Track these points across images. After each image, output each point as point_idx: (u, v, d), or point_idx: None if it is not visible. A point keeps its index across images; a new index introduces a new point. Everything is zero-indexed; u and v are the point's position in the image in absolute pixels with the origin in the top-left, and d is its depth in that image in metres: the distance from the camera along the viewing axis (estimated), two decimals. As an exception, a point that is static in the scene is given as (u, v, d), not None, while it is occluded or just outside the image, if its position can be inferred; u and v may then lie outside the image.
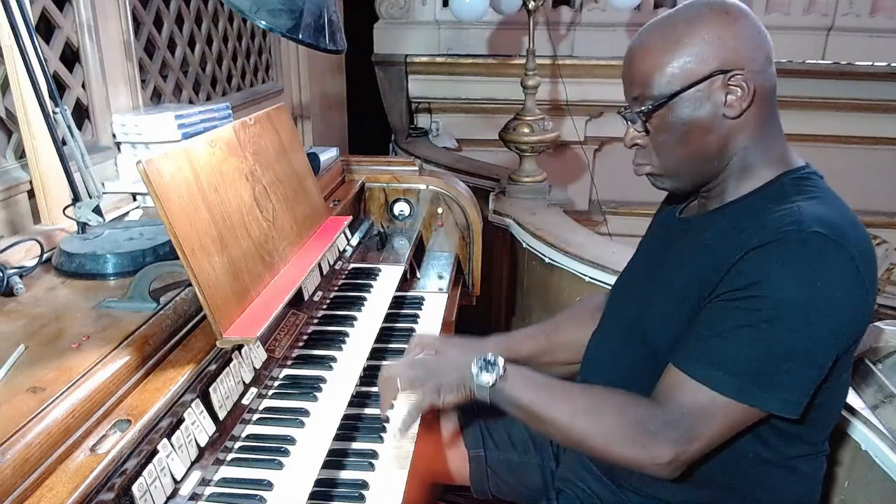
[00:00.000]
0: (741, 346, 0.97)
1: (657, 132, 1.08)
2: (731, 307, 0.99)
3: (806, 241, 0.95)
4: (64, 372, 0.90)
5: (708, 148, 1.06)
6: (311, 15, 1.44)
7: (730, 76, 1.02)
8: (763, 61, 1.04)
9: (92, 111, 1.65)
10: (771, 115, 1.08)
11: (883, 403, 1.26)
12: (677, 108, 1.04)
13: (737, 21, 1.03)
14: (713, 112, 1.03)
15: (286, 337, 1.31)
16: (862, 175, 4.07)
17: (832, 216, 0.98)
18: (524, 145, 2.91)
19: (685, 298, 1.06)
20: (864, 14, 3.92)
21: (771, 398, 0.98)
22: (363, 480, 1.12)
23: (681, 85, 1.03)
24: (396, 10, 4.11)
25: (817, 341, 0.96)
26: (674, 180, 1.13)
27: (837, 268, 0.95)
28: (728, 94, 1.02)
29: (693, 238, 1.12)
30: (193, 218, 1.06)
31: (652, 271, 1.19)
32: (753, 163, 1.08)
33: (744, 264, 0.98)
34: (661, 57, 1.04)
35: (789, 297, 0.94)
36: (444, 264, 2.03)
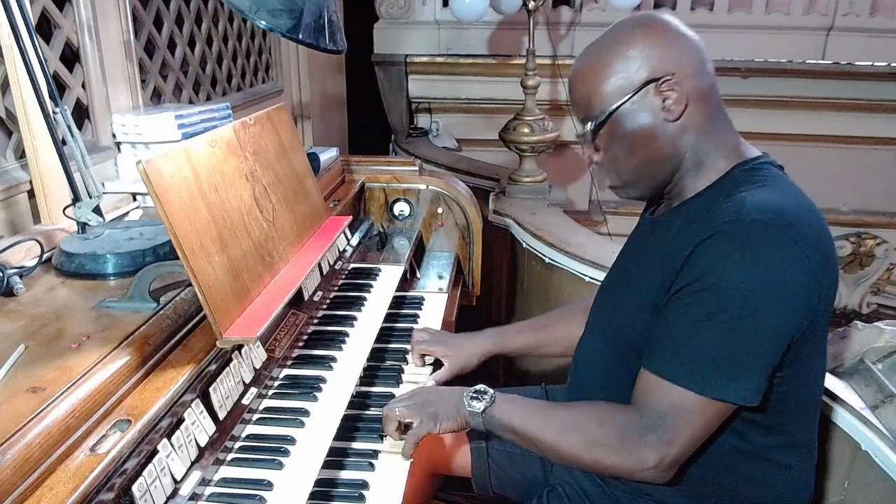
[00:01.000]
0: (699, 340, 1.01)
1: (607, 148, 1.13)
2: (685, 303, 1.02)
3: (746, 230, 0.98)
4: (64, 372, 0.90)
5: (658, 153, 1.11)
6: (311, 15, 1.44)
7: (661, 83, 1.07)
8: (694, 63, 1.08)
9: (92, 111, 1.65)
10: (715, 111, 1.11)
11: (883, 403, 1.26)
12: (619, 123, 1.10)
13: (657, 32, 1.09)
14: (654, 119, 1.08)
15: (286, 337, 1.31)
16: (862, 175, 4.08)
17: (775, 202, 1.01)
18: (524, 145, 2.91)
19: (649, 296, 1.10)
20: (864, 14, 3.92)
21: (731, 389, 1.00)
22: (363, 480, 1.12)
23: (617, 101, 1.08)
24: (396, 10, 4.11)
25: (768, 326, 0.99)
26: (634, 189, 1.18)
27: (780, 252, 0.97)
28: (665, 100, 1.07)
29: (659, 237, 1.16)
30: (193, 218, 1.06)
31: (626, 272, 1.25)
32: (705, 157, 1.11)
33: (693, 259, 1.02)
34: (593, 78, 1.10)
35: (735, 286, 0.97)
36: (444, 264, 2.03)
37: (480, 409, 1.16)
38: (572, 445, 1.11)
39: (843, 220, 4.21)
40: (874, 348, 1.34)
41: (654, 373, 1.05)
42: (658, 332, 1.07)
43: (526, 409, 1.18)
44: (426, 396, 1.22)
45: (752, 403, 1.01)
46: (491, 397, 1.17)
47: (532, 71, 2.87)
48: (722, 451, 1.10)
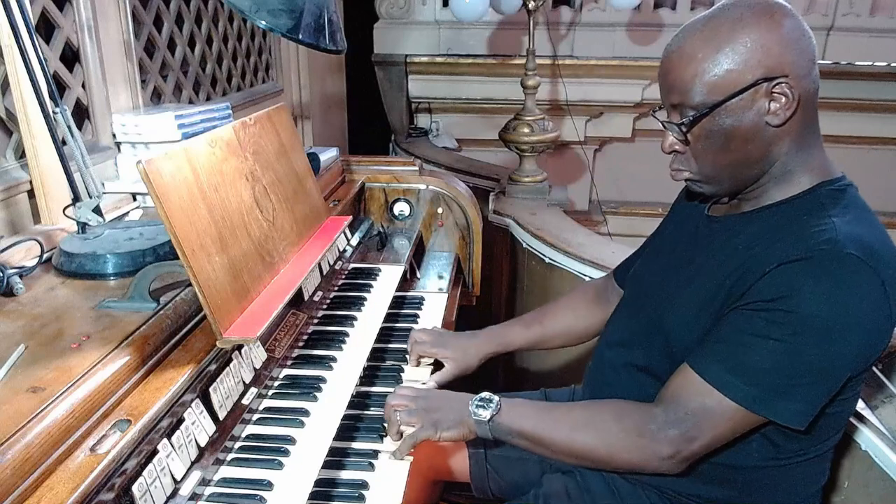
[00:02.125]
0: (761, 356, 0.98)
1: (697, 140, 1.05)
2: (756, 317, 0.98)
3: (840, 261, 0.94)
4: (64, 372, 0.90)
5: (749, 156, 1.04)
6: (311, 15, 1.44)
7: (774, 84, 0.98)
8: (807, 65, 1.00)
9: (92, 111, 1.65)
10: (812, 121, 1.05)
11: (883, 403, 1.26)
12: (719, 118, 1.01)
13: (781, 24, 0.98)
14: (756, 121, 1.00)
15: (286, 337, 1.31)
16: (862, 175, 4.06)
17: (868, 238, 0.98)
18: (524, 145, 2.91)
19: (711, 302, 1.06)
20: (864, 14, 3.92)
21: (782, 409, 0.99)
22: (363, 480, 1.12)
23: (723, 95, 1.00)
24: (396, 10, 4.11)
25: (837, 360, 0.97)
26: (713, 186, 1.10)
27: (867, 290, 0.95)
28: (772, 102, 0.99)
29: (724, 240, 1.10)
30: (193, 218, 1.06)
31: (677, 268, 1.18)
32: (793, 169, 1.05)
33: (774, 276, 0.97)
34: (701, 65, 1.00)
35: (817, 314, 0.94)
36: (444, 264, 2.03)
37: (487, 418, 1.14)
38: (586, 441, 1.09)
39: (843, 220, 4.21)
40: (874, 348, 1.34)
41: (699, 372, 1.02)
42: (714, 336, 1.03)
43: (534, 411, 1.16)
44: (431, 402, 1.20)
45: (800, 427, 1.00)
46: (497, 404, 1.15)
47: (532, 71, 2.87)
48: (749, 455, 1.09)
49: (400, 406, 1.19)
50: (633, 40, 3.96)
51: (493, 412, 1.14)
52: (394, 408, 1.19)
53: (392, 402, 1.20)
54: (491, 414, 1.14)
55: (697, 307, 1.08)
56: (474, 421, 1.15)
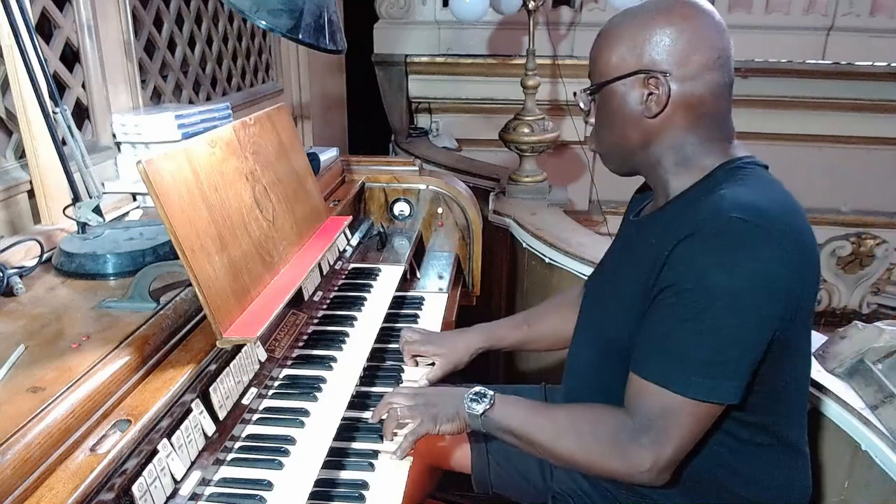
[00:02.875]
0: (683, 341, 1.00)
1: (596, 114, 1.17)
2: (667, 304, 1.02)
3: (725, 227, 0.98)
4: (64, 372, 0.90)
5: (629, 140, 1.12)
6: (311, 15, 1.44)
7: (650, 77, 1.06)
8: (696, 68, 1.05)
9: (92, 111, 1.65)
10: (704, 119, 1.08)
11: (883, 403, 1.26)
12: (607, 97, 1.12)
13: (677, 24, 1.05)
14: (634, 108, 1.09)
15: (286, 337, 1.31)
16: (862, 175, 4.08)
17: (754, 199, 1.00)
18: (524, 145, 2.91)
19: (634, 299, 1.09)
20: (864, 14, 3.92)
21: (717, 390, 1.00)
22: (363, 480, 1.12)
23: (611, 75, 1.10)
24: (396, 10, 4.11)
25: (751, 324, 0.98)
26: (609, 161, 1.20)
27: (760, 249, 0.97)
28: (648, 94, 1.07)
29: (642, 239, 1.15)
30: (193, 218, 1.06)
31: (612, 275, 1.25)
32: (690, 157, 1.10)
33: (673, 258, 1.01)
34: (605, 45, 1.11)
35: (717, 284, 0.97)
36: (444, 264, 2.03)
37: (480, 412, 1.16)
38: (568, 449, 1.11)
39: (843, 220, 4.21)
40: (874, 348, 1.34)
41: (641, 376, 1.05)
42: (643, 335, 1.06)
43: (523, 411, 1.18)
44: (429, 398, 1.22)
45: (735, 402, 1.01)
46: (490, 399, 1.17)
47: (532, 71, 2.87)
48: (715, 450, 1.10)
49: (398, 404, 1.20)
50: (633, 40, 3.95)
51: (486, 407, 1.17)
52: (391, 405, 1.20)
53: (389, 400, 1.22)
54: (484, 408, 1.16)
55: (626, 308, 1.11)
56: (468, 414, 1.17)
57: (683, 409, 1.01)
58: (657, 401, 1.03)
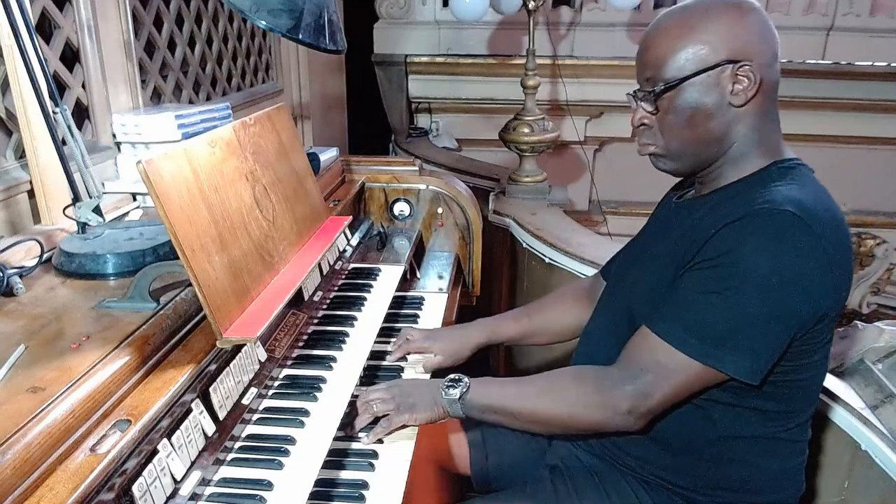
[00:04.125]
0: (708, 309, 1.03)
1: (665, 113, 1.13)
2: (701, 275, 1.05)
3: (777, 218, 1.01)
4: (64, 372, 0.90)
5: (711, 133, 1.11)
6: (311, 15, 1.44)
7: (739, 66, 1.07)
8: (770, 56, 1.10)
9: (92, 111, 1.65)
10: (771, 108, 1.13)
11: (883, 403, 1.26)
12: (686, 92, 1.10)
13: (748, 15, 1.09)
14: (719, 99, 1.09)
15: (286, 337, 1.31)
16: (862, 175, 4.08)
17: (806, 199, 1.03)
18: (524, 145, 2.91)
19: (666, 273, 1.12)
20: (864, 14, 3.92)
21: (731, 360, 1.02)
22: (363, 480, 1.12)
23: (692, 70, 1.08)
24: (396, 10, 4.11)
25: (781, 311, 1.01)
26: (675, 161, 1.17)
27: (804, 244, 1.00)
28: (735, 84, 1.08)
29: (683, 220, 1.17)
30: (193, 218, 1.06)
31: (644, 255, 1.26)
32: (749, 151, 1.13)
33: (717, 237, 1.04)
34: (675, 42, 1.09)
35: (756, 266, 1.00)
36: (444, 264, 2.03)
37: (457, 396, 1.19)
38: (548, 406, 1.15)
39: (843, 220, 4.21)
40: (874, 348, 1.34)
41: (653, 331, 1.08)
42: (667, 297, 1.09)
43: (500, 385, 1.21)
44: (403, 388, 1.25)
45: (749, 381, 1.03)
46: (466, 384, 1.20)
47: (532, 71, 2.87)
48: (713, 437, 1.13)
49: (375, 399, 1.22)
50: (633, 40, 3.95)
51: (463, 390, 1.19)
52: (368, 401, 1.22)
53: (367, 398, 1.23)
54: (460, 392, 1.19)
55: (656, 282, 1.14)
56: (446, 401, 1.19)
57: (679, 365, 1.05)
58: (655, 353, 1.06)
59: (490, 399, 1.19)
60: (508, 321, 1.56)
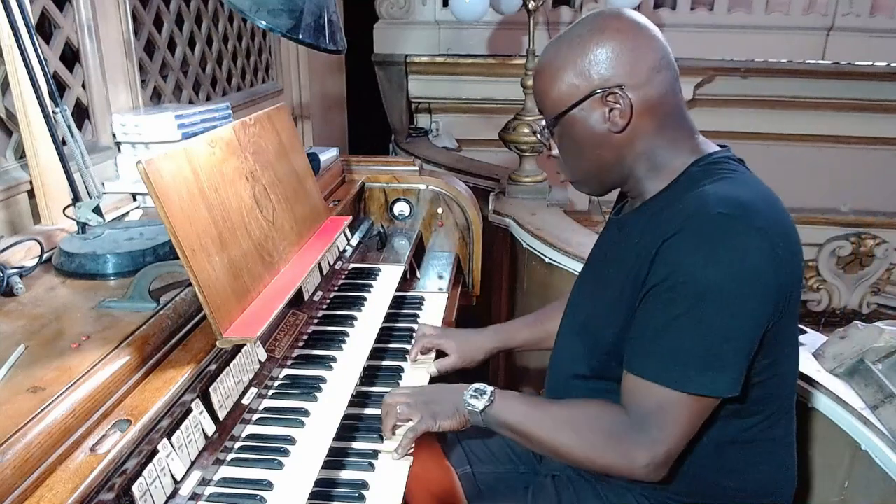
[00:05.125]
0: (675, 337, 1.01)
1: (560, 146, 1.17)
2: (658, 302, 1.03)
3: (711, 223, 0.99)
4: (64, 372, 0.90)
5: (603, 159, 1.13)
6: (311, 15, 1.44)
7: (607, 94, 1.07)
8: (645, 73, 1.07)
9: (92, 111, 1.65)
10: (667, 119, 1.11)
11: (883, 403, 1.26)
12: (568, 126, 1.12)
13: (612, 38, 1.07)
14: (599, 127, 1.10)
15: (286, 337, 1.31)
16: (862, 175, 4.08)
17: (737, 194, 1.02)
18: (524, 145, 2.90)
19: (622, 296, 1.10)
20: (864, 14, 3.92)
21: (712, 383, 1.01)
22: (363, 480, 1.12)
23: (565, 105, 1.10)
24: (396, 10, 4.11)
25: (742, 317, 0.99)
26: (586, 185, 1.21)
27: (746, 242, 0.98)
28: (610, 111, 1.08)
29: (625, 236, 1.16)
30: (193, 218, 1.06)
31: (597, 273, 1.26)
32: (660, 159, 1.12)
33: (660, 256, 1.02)
34: (548, 80, 1.12)
35: (704, 281, 0.98)
36: (444, 264, 2.03)
37: (480, 408, 1.17)
38: (566, 445, 1.12)
39: (843, 220, 4.21)
40: (874, 348, 1.34)
41: (637, 374, 1.05)
42: (635, 333, 1.07)
43: (523, 406, 1.19)
44: (428, 396, 1.23)
45: (734, 394, 1.02)
46: (490, 395, 1.18)
47: (532, 71, 2.86)
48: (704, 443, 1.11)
49: (397, 403, 1.21)
50: (633, 40, 3.95)
51: (487, 403, 1.17)
52: (391, 405, 1.21)
53: (389, 401, 1.22)
54: (484, 405, 1.17)
55: (612, 306, 1.12)
56: (468, 411, 1.18)
57: (681, 404, 1.02)
58: (654, 398, 1.03)
59: (510, 418, 1.17)
60: (521, 327, 1.55)
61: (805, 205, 4.16)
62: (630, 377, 1.07)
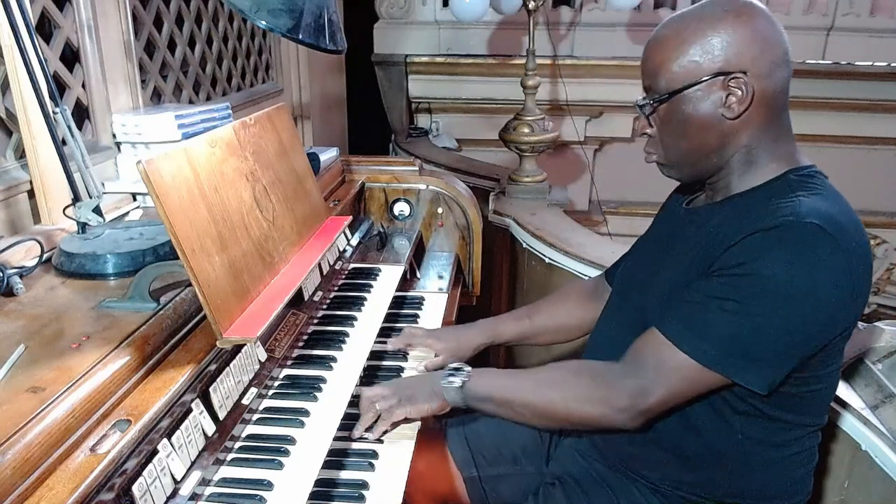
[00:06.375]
0: (720, 316, 1.02)
1: (662, 124, 1.13)
2: (718, 282, 1.03)
3: (801, 230, 0.98)
4: (64, 372, 0.90)
5: (707, 144, 1.10)
6: (311, 15, 1.44)
7: (730, 78, 1.05)
8: (768, 65, 1.06)
9: (92, 111, 1.65)
10: (776, 116, 1.10)
11: (883, 403, 1.26)
12: (679, 105, 1.09)
13: (746, 24, 1.05)
14: (713, 111, 1.07)
15: (286, 337, 1.31)
16: (862, 175, 4.07)
17: (832, 211, 1.01)
18: (524, 145, 2.91)
19: (683, 282, 1.10)
20: (864, 14, 3.91)
21: (740, 370, 1.02)
22: (363, 480, 1.12)
23: (683, 83, 1.07)
24: (396, 10, 4.11)
25: (795, 325, 0.99)
26: (677, 170, 1.17)
27: (827, 258, 0.98)
28: (728, 96, 1.06)
29: (697, 228, 1.15)
30: (193, 218, 1.06)
31: (656, 260, 1.23)
32: (757, 159, 1.10)
33: (740, 246, 1.01)
34: (668, 53, 1.08)
35: (775, 277, 0.98)
36: (444, 264, 2.03)
37: (459, 384, 1.19)
38: (548, 399, 1.14)
39: (843, 220, 4.20)
40: (874, 348, 1.34)
41: (661, 331, 1.06)
42: (681, 298, 1.07)
43: (501, 376, 1.22)
44: (402, 383, 1.26)
45: (758, 390, 1.02)
46: (467, 373, 1.20)
47: (532, 71, 2.87)
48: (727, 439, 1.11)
49: (376, 396, 1.22)
50: (633, 40, 3.95)
51: (465, 378, 1.19)
52: (370, 399, 1.22)
53: (368, 394, 1.23)
54: (462, 380, 1.19)
55: (670, 290, 1.12)
56: (446, 389, 1.19)
57: (680, 367, 1.03)
58: (658, 353, 1.05)
59: (490, 389, 1.19)
60: (510, 322, 1.56)
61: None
62: (653, 332, 1.08)
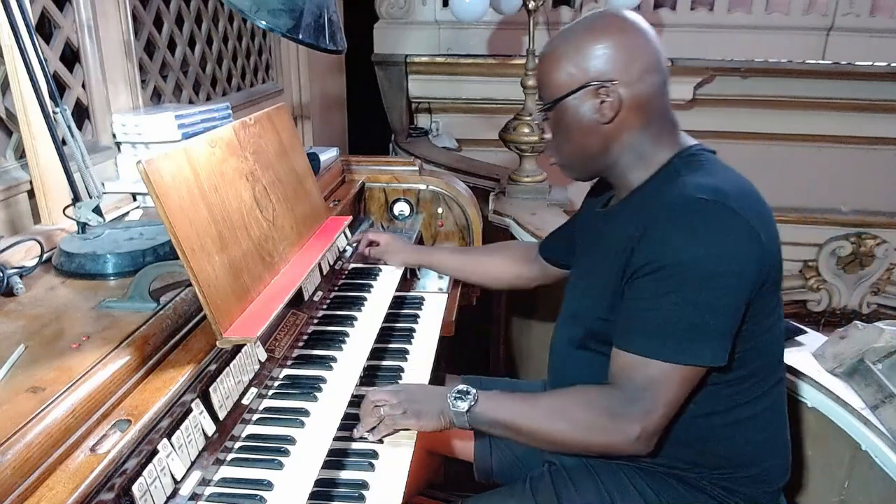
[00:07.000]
0: (665, 311, 1.08)
1: (552, 130, 1.25)
2: (646, 281, 1.10)
3: (692, 207, 1.07)
4: (64, 372, 0.90)
5: (592, 146, 1.21)
6: (311, 15, 1.44)
7: (599, 87, 1.15)
8: (638, 72, 1.15)
9: (92, 111, 1.64)
10: (656, 116, 1.19)
11: (883, 403, 1.26)
12: (562, 112, 1.20)
13: (614, 36, 1.15)
14: (590, 117, 1.18)
15: (286, 337, 1.31)
16: (862, 175, 4.08)
17: (713, 182, 1.10)
18: (524, 145, 2.90)
19: (608, 284, 1.17)
20: (864, 14, 3.92)
21: (700, 353, 1.08)
22: (363, 480, 1.12)
23: (562, 92, 1.18)
24: (396, 10, 4.11)
25: (726, 292, 1.07)
26: (570, 171, 1.29)
27: (724, 223, 1.06)
28: (601, 103, 1.16)
29: (611, 228, 1.23)
30: (193, 218, 1.06)
31: (585, 267, 1.34)
32: (645, 152, 1.19)
33: (644, 241, 1.10)
34: (550, 66, 1.20)
35: (687, 261, 1.06)
36: (444, 264, 2.02)
37: (465, 409, 1.19)
38: (562, 431, 1.16)
39: (843, 220, 4.21)
40: (874, 348, 1.34)
41: (626, 350, 1.11)
42: (624, 313, 1.13)
43: (510, 401, 1.22)
44: (412, 394, 1.25)
45: (719, 364, 1.08)
46: (474, 396, 1.20)
47: (532, 71, 2.86)
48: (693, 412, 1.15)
49: (381, 401, 1.21)
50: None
51: (471, 403, 1.19)
52: (374, 402, 1.21)
53: (372, 398, 1.22)
54: (468, 405, 1.19)
55: (598, 291, 1.20)
56: (453, 413, 1.20)
57: (668, 375, 1.08)
58: (642, 371, 1.09)
59: (498, 415, 1.19)
60: (447, 252, 1.81)
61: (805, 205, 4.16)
62: (620, 354, 1.13)
